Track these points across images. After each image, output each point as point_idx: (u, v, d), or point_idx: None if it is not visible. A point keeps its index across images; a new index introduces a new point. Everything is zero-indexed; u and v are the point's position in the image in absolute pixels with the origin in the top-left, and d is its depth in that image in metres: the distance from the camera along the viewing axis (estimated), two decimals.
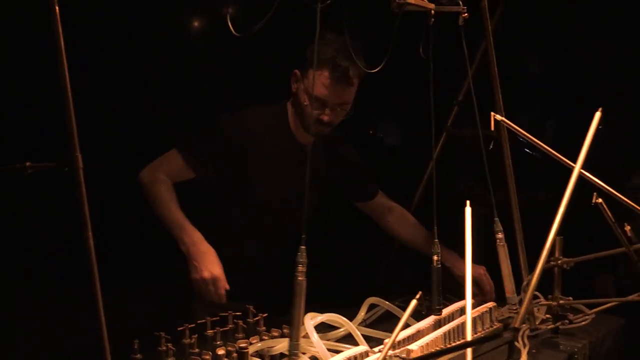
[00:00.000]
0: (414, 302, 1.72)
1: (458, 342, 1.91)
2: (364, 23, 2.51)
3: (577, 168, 1.77)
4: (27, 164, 1.27)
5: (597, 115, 1.89)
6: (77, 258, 1.34)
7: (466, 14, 2.18)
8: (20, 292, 3.48)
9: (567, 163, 1.98)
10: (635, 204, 2.23)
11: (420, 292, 1.80)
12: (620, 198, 1.99)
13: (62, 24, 1.24)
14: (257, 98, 2.86)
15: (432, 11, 2.05)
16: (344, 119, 2.74)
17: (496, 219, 2.34)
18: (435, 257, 2.40)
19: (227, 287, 2.46)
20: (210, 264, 2.46)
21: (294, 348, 1.91)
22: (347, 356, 1.82)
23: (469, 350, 1.72)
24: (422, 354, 1.95)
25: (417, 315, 2.40)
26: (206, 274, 2.44)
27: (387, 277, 3.06)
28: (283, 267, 2.81)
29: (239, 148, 2.70)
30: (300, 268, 1.89)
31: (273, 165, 2.76)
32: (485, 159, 2.23)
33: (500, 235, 2.37)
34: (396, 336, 1.69)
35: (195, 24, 4.25)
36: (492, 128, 2.02)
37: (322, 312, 2.22)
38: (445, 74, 2.95)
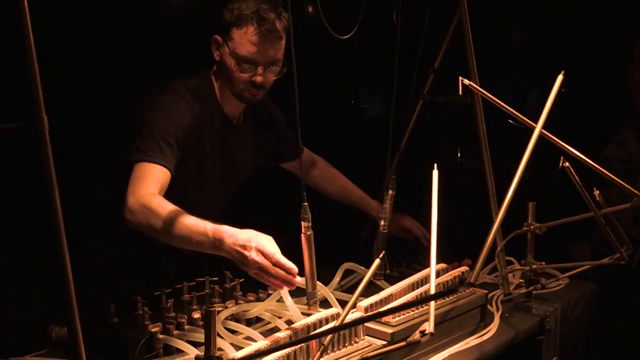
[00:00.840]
0: (377, 261, 1.76)
1: (420, 299, 1.94)
2: None
3: (538, 128, 1.80)
4: None
5: (559, 78, 1.91)
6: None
7: None
8: None
9: (528, 123, 2.00)
10: (610, 173, 2.27)
11: (383, 252, 1.83)
12: (586, 161, 2.02)
13: None
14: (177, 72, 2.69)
15: None
16: (278, 78, 2.57)
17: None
18: (382, 222, 2.49)
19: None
20: (243, 238, 2.04)
21: (311, 297, 2.06)
22: (319, 317, 1.84)
23: (432, 305, 1.76)
24: (394, 317, 1.99)
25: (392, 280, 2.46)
26: (280, 258, 2.02)
27: (365, 243, 3.09)
28: None
29: (179, 130, 2.45)
30: (305, 224, 1.98)
31: (207, 142, 2.60)
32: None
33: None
34: (359, 293, 1.71)
35: None
36: (460, 92, 2.03)
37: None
38: (425, 42, 2.98)
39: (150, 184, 2.27)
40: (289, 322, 2.08)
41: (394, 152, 2.94)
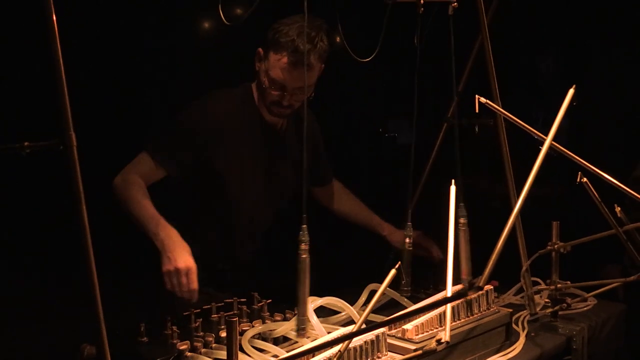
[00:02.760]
0: (392, 272, 1.78)
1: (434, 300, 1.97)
2: (355, 14, 2.57)
3: (548, 140, 1.82)
4: (25, 143, 1.34)
5: (571, 91, 1.94)
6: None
7: (455, 4, 2.24)
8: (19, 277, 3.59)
9: (539, 136, 2.03)
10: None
11: (399, 262, 1.86)
12: (604, 177, 2.03)
13: (55, 5, 1.32)
14: (222, 82, 2.81)
15: (421, 1, 2.11)
16: (309, 98, 2.64)
17: (461, 204, 2.33)
18: (407, 240, 2.52)
19: (196, 286, 2.37)
20: (185, 256, 2.37)
21: (301, 323, 2.03)
22: (342, 333, 1.87)
23: (448, 313, 1.78)
24: (417, 334, 2.01)
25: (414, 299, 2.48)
26: (181, 264, 2.34)
27: (392, 266, 3.11)
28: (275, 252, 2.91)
29: (208, 138, 2.64)
30: (303, 246, 1.98)
31: (245, 149, 2.71)
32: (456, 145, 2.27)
33: (462, 221, 2.36)
34: (374, 304, 1.74)
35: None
36: (477, 110, 2.06)
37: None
38: (448, 67, 3.02)
39: (141, 175, 2.58)
40: None
41: (419, 173, 2.96)
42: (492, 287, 2.36)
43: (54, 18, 1.36)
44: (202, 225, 2.73)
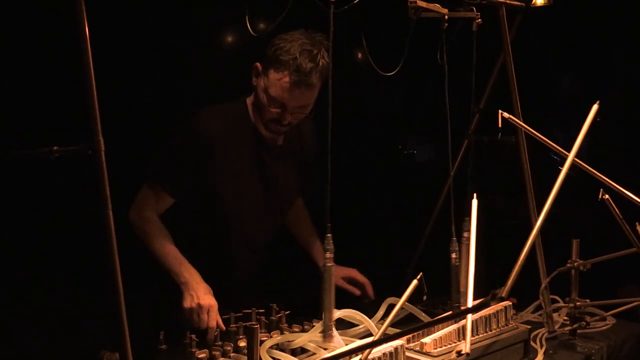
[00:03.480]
0: (414, 282, 1.79)
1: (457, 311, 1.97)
2: (379, 29, 2.57)
3: (571, 157, 1.82)
4: (54, 148, 1.37)
5: (594, 107, 1.94)
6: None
7: (479, 20, 2.25)
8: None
9: (561, 152, 2.03)
10: None
11: (421, 273, 1.86)
12: (625, 194, 2.03)
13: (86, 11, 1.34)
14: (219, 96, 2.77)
15: (446, 16, 2.12)
16: (308, 117, 2.65)
17: (466, 218, 2.25)
18: (453, 255, 2.49)
19: (222, 326, 2.38)
20: (208, 296, 2.43)
21: (327, 329, 2.01)
22: (360, 344, 1.87)
23: (469, 324, 1.78)
24: (435, 348, 2.02)
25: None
26: (203, 302, 2.39)
27: (409, 281, 3.11)
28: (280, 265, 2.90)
29: (203, 155, 2.58)
30: (328, 255, 1.97)
31: (241, 166, 2.66)
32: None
33: (466, 235, 2.28)
34: (394, 315, 1.75)
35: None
36: (500, 125, 2.07)
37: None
38: (471, 82, 3.03)
39: (152, 208, 2.59)
40: None
41: (442, 187, 2.96)
42: (511, 303, 2.36)
43: (86, 24, 1.38)
44: (202, 243, 2.70)
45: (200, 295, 2.41)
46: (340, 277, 2.89)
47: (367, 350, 1.64)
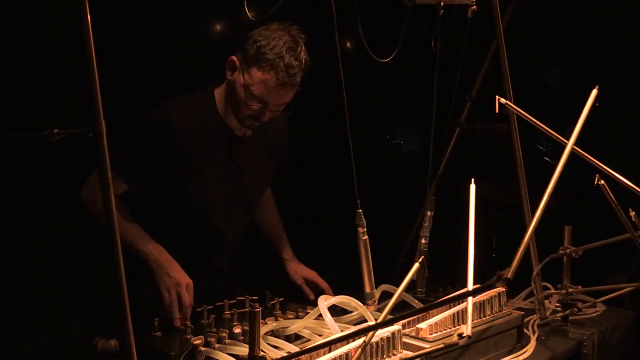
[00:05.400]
0: (416, 265, 1.79)
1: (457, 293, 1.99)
2: (374, 17, 2.57)
3: (570, 144, 1.83)
4: (55, 130, 1.36)
5: (594, 92, 1.95)
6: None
7: (474, 7, 2.25)
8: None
9: (560, 140, 2.04)
10: None
11: (422, 257, 1.88)
12: (620, 180, 2.04)
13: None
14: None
15: (442, 3, 2.12)
16: (289, 115, 2.66)
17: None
18: (422, 240, 2.54)
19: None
20: (182, 272, 2.41)
21: (369, 297, 2.22)
22: (356, 329, 1.88)
23: (469, 307, 1.79)
24: (430, 333, 2.03)
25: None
26: (181, 279, 2.38)
27: (402, 269, 3.13)
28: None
29: (166, 148, 2.51)
30: (361, 229, 2.11)
31: (207, 158, 2.60)
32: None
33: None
34: (397, 298, 1.75)
35: None
36: (497, 110, 2.08)
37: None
38: (462, 71, 3.04)
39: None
40: None
41: (432, 175, 2.97)
42: (504, 288, 2.37)
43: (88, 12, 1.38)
44: (172, 236, 2.61)
45: (176, 274, 2.40)
46: (301, 276, 2.91)
47: (370, 333, 1.64)
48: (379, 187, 4.78)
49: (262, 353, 1.47)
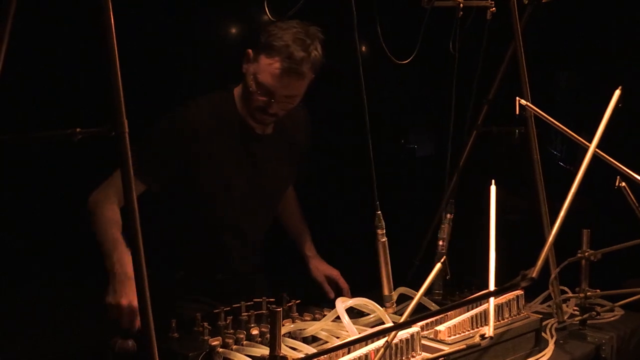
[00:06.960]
0: (438, 265, 1.79)
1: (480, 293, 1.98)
2: (393, 19, 2.57)
3: (592, 147, 1.81)
4: (77, 129, 1.36)
5: (617, 93, 1.93)
6: None
7: (494, 9, 2.25)
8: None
9: (582, 143, 2.03)
10: None
11: (444, 257, 1.87)
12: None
13: None
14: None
15: (461, 4, 2.12)
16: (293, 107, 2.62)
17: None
18: (440, 242, 2.53)
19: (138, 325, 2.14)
20: (130, 293, 2.16)
21: (387, 299, 2.20)
22: (377, 329, 1.87)
23: (491, 308, 1.78)
24: (449, 335, 2.02)
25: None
26: (124, 301, 2.15)
27: (417, 272, 3.12)
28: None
29: (187, 148, 2.54)
30: (380, 231, 2.10)
31: (228, 158, 2.62)
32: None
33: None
34: (418, 299, 1.75)
35: None
36: (517, 112, 2.07)
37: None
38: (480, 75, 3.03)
39: (117, 192, 2.38)
40: None
41: (450, 177, 2.96)
42: (522, 292, 2.36)
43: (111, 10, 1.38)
44: (193, 237, 2.66)
45: (122, 293, 2.17)
46: (322, 274, 2.92)
47: (393, 333, 1.63)
48: (393, 190, 4.77)
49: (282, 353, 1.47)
